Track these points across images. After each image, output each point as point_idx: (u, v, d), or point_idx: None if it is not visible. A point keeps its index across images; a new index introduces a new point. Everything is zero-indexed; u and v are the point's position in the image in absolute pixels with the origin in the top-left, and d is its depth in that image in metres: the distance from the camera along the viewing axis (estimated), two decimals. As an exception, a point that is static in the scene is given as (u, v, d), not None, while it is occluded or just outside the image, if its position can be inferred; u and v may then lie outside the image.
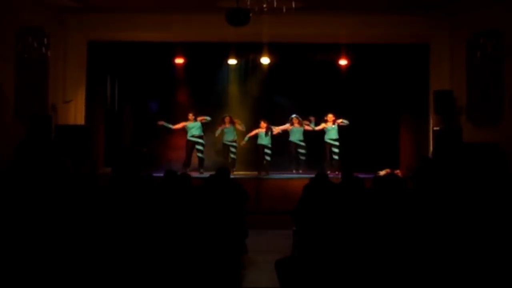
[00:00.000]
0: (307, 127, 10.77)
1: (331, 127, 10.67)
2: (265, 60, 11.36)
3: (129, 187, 5.05)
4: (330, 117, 10.71)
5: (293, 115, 10.83)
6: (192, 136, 10.68)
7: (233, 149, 10.77)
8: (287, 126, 10.83)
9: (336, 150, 10.64)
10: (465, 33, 9.51)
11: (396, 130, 11.36)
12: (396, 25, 10.00)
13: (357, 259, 3.38)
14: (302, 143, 10.82)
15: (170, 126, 10.70)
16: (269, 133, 10.64)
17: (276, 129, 10.78)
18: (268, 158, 10.64)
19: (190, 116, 10.70)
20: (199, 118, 10.70)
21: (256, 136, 10.77)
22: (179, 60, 11.40)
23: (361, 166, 10.21)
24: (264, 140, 10.65)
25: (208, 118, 10.71)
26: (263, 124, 10.70)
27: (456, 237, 3.70)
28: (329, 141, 10.71)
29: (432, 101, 10.07)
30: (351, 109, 11.53)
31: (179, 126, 10.71)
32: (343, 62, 11.45)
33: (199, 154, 10.65)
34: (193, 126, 10.66)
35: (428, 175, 7.01)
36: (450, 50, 10.00)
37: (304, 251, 4.25)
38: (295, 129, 10.81)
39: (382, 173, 9.33)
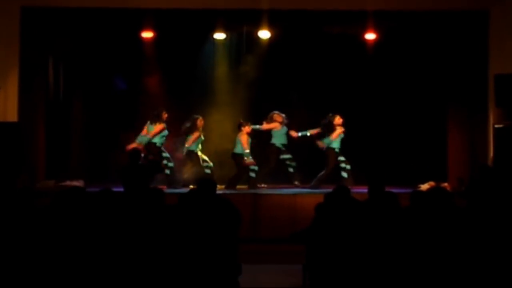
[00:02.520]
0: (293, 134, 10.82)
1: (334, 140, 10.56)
2: (264, 34, 11.39)
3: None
4: (338, 119, 10.62)
5: (275, 112, 10.86)
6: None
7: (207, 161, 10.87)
8: (274, 124, 10.81)
9: (342, 158, 10.60)
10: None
11: (442, 129, 11.41)
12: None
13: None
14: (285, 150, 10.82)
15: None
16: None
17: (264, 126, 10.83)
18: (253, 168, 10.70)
19: (164, 115, 10.70)
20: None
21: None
22: (148, 34, 11.42)
23: (395, 178, 10.28)
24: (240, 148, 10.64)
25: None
26: (246, 128, 10.67)
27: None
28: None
29: (492, 89, 10.10)
30: (380, 101, 11.56)
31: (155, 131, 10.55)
32: (370, 36, 11.46)
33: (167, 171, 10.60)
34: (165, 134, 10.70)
35: (487, 190, 7.01)
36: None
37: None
38: (282, 129, 10.86)
39: (424, 187, 9.36)
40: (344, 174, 10.44)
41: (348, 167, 10.47)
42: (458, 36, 10.93)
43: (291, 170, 10.87)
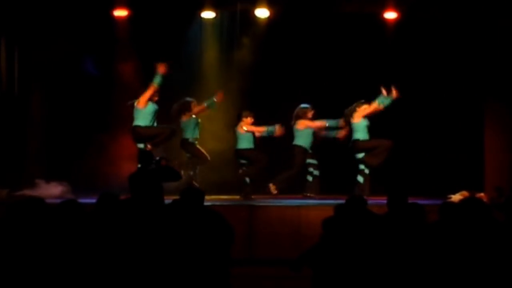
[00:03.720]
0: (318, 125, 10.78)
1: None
2: (262, 13, 11.43)
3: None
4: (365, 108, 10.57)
5: (305, 105, 10.79)
6: None
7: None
8: (320, 123, 10.72)
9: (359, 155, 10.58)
10: None
11: (477, 129, 11.44)
12: None
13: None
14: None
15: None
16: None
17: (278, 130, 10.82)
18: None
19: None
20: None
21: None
22: (121, 12, 11.46)
23: (420, 187, 10.29)
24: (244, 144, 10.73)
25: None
26: (248, 120, 10.71)
27: None
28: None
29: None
30: (402, 94, 11.50)
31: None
32: (390, 15, 11.52)
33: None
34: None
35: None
36: None
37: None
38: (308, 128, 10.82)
39: (455, 197, 9.34)
40: (360, 179, 10.42)
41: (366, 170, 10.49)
42: (496, 18, 10.92)
43: (310, 178, 10.83)
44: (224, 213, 6.49)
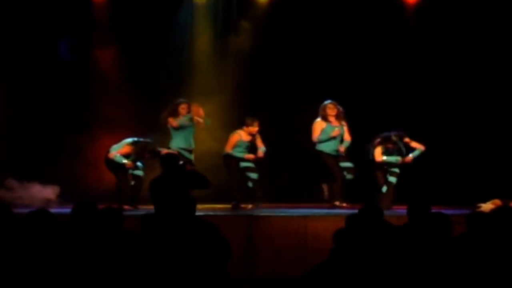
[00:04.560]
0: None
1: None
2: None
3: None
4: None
5: (329, 101, 10.74)
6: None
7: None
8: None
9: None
10: None
11: (510, 128, 11.46)
12: None
13: None
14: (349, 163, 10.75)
15: None
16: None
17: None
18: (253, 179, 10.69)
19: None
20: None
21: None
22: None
23: (446, 195, 10.32)
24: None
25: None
26: (251, 129, 10.60)
27: None
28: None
29: None
30: (425, 87, 11.55)
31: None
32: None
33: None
34: None
35: None
36: None
37: None
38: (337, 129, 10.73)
39: (486, 207, 9.34)
40: (384, 189, 10.49)
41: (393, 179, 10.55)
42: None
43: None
44: (218, 225, 6.49)
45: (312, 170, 11.05)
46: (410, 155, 10.33)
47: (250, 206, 10.60)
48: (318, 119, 10.51)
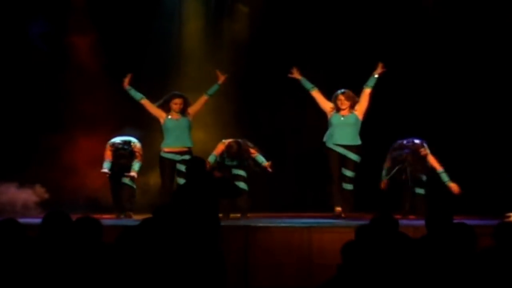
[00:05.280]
0: None
1: None
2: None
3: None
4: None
5: (342, 90, 10.73)
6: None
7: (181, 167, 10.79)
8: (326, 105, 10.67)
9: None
10: None
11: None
12: None
13: None
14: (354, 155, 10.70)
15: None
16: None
17: None
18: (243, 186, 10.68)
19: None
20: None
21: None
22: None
23: (470, 204, 10.32)
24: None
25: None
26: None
27: None
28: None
29: None
30: (444, 85, 11.59)
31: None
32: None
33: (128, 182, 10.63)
34: None
35: None
36: None
37: None
38: (343, 119, 10.71)
39: (514, 216, 9.39)
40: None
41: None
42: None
43: (349, 188, 10.75)
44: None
45: (317, 173, 11.06)
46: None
47: (239, 215, 10.65)
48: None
